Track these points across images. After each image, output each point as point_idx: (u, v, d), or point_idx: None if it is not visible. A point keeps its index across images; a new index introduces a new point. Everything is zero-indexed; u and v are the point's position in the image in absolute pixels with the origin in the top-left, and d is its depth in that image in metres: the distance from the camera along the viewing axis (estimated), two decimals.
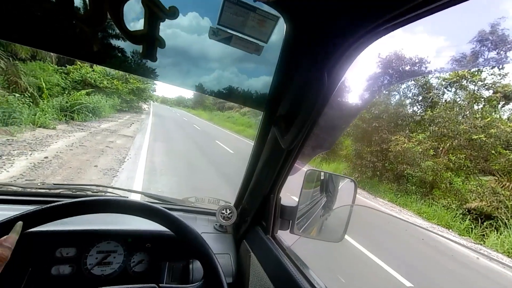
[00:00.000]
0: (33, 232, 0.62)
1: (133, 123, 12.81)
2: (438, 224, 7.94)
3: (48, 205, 0.59)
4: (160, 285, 0.60)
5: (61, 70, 12.09)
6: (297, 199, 1.02)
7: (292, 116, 0.66)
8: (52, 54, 9.82)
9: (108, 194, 1.13)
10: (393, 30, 0.50)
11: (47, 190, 1.02)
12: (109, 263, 0.85)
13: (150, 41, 0.58)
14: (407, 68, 11.63)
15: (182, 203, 1.17)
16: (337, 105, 0.71)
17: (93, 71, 13.91)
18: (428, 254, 5.44)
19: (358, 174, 11.68)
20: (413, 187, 10.24)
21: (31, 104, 7.67)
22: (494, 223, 7.70)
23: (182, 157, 8.03)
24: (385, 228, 6.51)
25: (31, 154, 5.16)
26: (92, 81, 13.56)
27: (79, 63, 13.19)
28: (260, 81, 0.89)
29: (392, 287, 3.72)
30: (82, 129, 8.74)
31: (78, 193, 1.05)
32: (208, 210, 1.18)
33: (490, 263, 5.65)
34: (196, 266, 0.87)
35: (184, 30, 0.71)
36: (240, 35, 0.61)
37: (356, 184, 1.05)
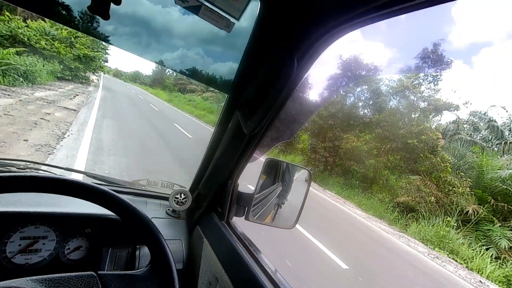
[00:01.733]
0: None
1: (77, 95, 11.30)
2: (373, 215, 8.98)
3: None
4: (100, 272, 0.54)
5: None
6: (252, 188, 1.03)
7: (258, 100, 0.64)
8: None
9: (40, 172, 0.98)
10: (366, 25, 0.51)
11: None
12: (36, 251, 0.75)
13: None
14: (363, 73, 12.64)
15: (131, 185, 1.08)
16: (301, 97, 0.72)
17: (27, 26, 11.56)
18: (364, 241, 6.15)
19: (312, 167, 12.48)
20: (357, 182, 11.42)
21: None
22: (416, 215, 9.16)
23: (135, 138, 7.42)
24: (329, 217, 7.12)
25: None
26: (26, 39, 11.31)
27: (7, 13, 10.83)
28: (227, 62, 0.85)
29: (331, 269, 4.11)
30: (9, 95, 7.39)
31: None
32: (160, 194, 1.11)
33: (409, 248, 6.65)
34: (144, 253, 0.82)
35: None
36: (210, 6, 0.57)
37: (312, 175, 1.09)
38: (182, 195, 1.04)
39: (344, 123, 12.88)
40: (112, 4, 0.52)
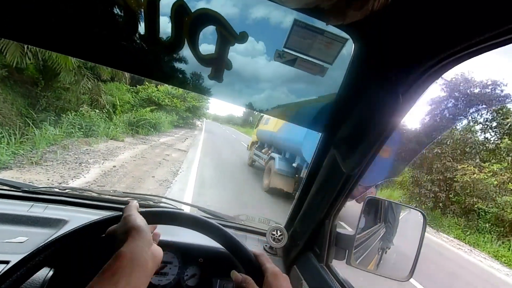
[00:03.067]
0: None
1: (187, 138, 13.80)
2: None
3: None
4: None
5: (132, 90, 13.79)
6: None
7: (356, 138, 0.62)
8: (126, 75, 11.34)
9: (167, 205, 1.18)
10: (481, 53, 0.44)
11: (118, 198, 1.12)
12: (165, 274, 0.86)
13: (219, 64, 0.61)
14: (476, 90, 10.27)
15: (233, 220, 1.17)
16: (409, 130, 0.64)
17: (157, 90, 15.70)
18: None
19: (416, 204, 10.41)
20: (487, 225, 8.68)
21: (106, 119, 8.85)
22: None
23: (229, 173, 8.31)
24: (454, 271, 5.52)
25: (103, 163, 5.85)
26: (156, 99, 15.24)
27: (147, 83, 15.08)
28: (319, 102, 0.86)
29: None
30: (144, 142, 9.70)
31: (141, 202, 1.11)
32: (258, 229, 1.15)
33: None
34: None
35: (240, 53, 0.75)
36: (305, 57, 0.61)
37: (426, 218, 0.91)
38: (278, 232, 1.05)
39: (456, 151, 10.47)
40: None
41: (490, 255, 7.28)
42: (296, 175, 6.08)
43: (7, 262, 0.66)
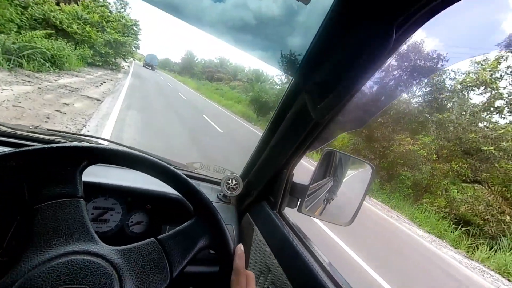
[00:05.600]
0: None
1: (104, 82, 11.75)
2: (430, 233, 8.42)
3: (63, 145, 0.56)
4: (158, 237, 0.58)
5: (18, 3, 10.55)
6: None
7: (333, 81, 0.66)
8: None
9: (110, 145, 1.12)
10: None
11: (40, 135, 1.00)
12: (105, 220, 0.88)
13: None
14: (422, 63, 11.65)
15: (185, 168, 1.21)
16: (385, 75, 0.73)
17: (60, 9, 12.67)
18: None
19: None
20: (404, 189, 10.86)
21: None
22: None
23: (161, 133, 7.01)
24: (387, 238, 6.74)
25: None
26: (58, 22, 12.23)
27: None
28: (293, 43, 0.90)
29: None
30: (29, 81, 7.09)
31: (74, 142, 1.03)
32: (212, 178, 1.23)
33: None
34: None
35: None
36: None
37: (374, 170, 1.11)
38: (234, 181, 1.15)
39: (396, 121, 12.35)
40: None
41: (407, 217, 9.28)
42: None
43: None
